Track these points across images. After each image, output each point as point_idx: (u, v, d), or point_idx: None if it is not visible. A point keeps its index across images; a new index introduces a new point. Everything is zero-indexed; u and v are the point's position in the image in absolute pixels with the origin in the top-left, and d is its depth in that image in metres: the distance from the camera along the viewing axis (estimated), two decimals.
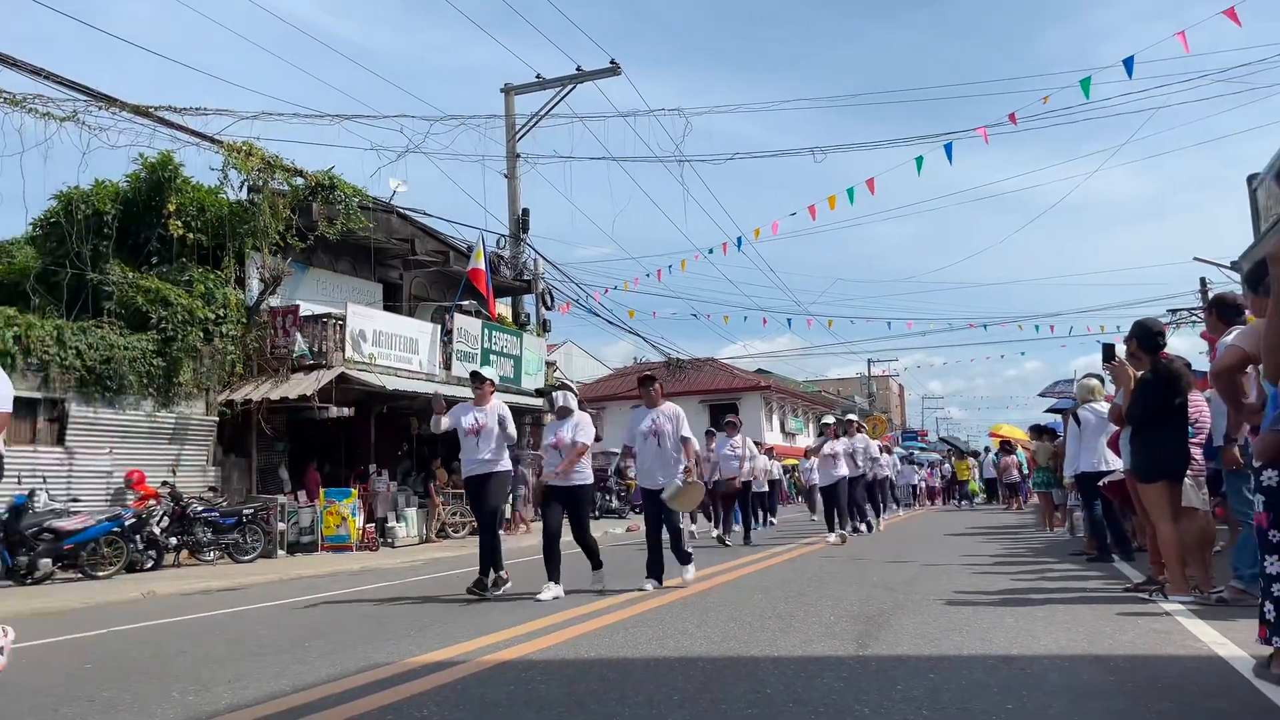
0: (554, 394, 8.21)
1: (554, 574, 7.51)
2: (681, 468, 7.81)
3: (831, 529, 12.79)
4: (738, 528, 14.49)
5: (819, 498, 15.53)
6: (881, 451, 20.57)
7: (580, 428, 7.78)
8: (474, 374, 8.29)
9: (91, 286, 14.78)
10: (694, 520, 14.33)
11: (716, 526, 14.43)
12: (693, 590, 7.58)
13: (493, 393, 8.13)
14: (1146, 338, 6.51)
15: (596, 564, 7.92)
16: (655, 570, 7.90)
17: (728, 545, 13.09)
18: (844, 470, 12.97)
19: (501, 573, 7.84)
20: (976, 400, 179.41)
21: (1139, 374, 6.50)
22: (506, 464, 7.95)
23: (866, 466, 14.64)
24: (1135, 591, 6.59)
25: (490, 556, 7.78)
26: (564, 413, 7.90)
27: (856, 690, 3.84)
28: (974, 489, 28.10)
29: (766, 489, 18.51)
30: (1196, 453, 6.70)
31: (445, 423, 7.90)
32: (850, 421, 14.40)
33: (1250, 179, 19.62)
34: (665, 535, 8.15)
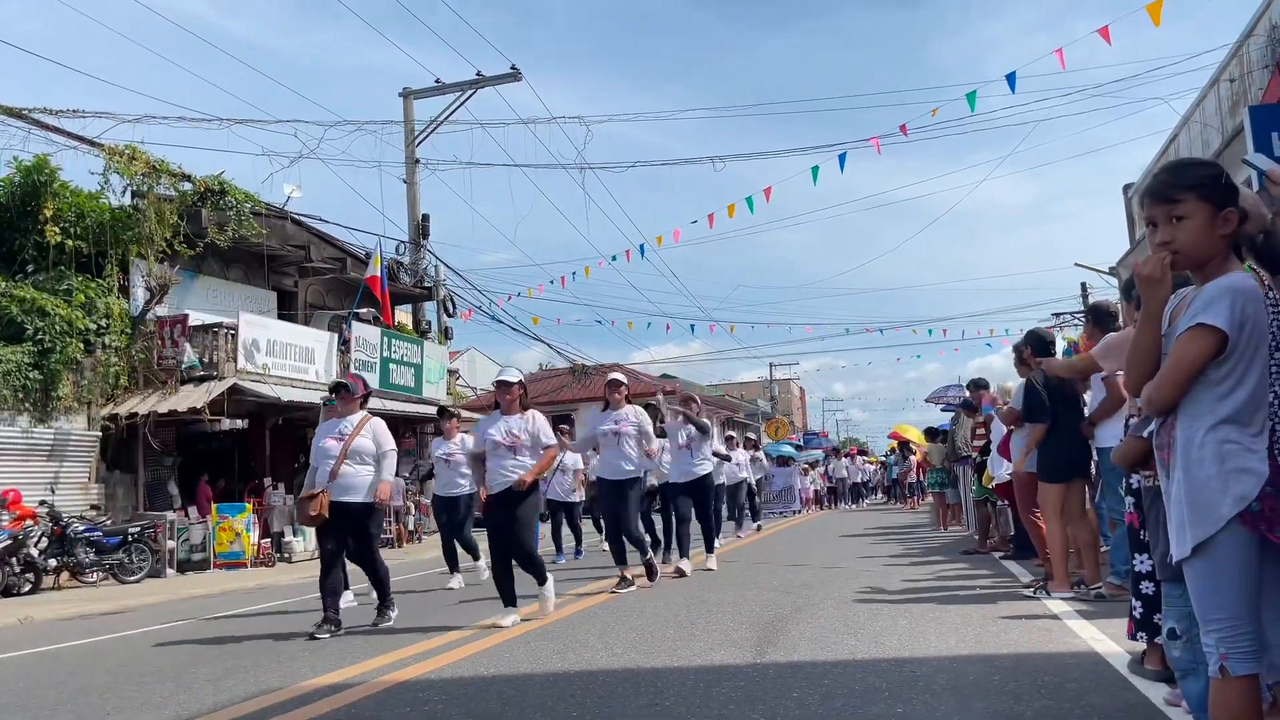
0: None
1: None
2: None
3: (539, 584, 6.87)
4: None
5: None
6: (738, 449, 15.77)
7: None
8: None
9: None
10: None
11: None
12: (598, 600, 7.57)
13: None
14: (1040, 344, 6.97)
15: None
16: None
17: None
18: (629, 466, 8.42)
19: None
20: (877, 402, 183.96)
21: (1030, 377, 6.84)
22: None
23: (643, 462, 8.59)
24: (1038, 585, 6.86)
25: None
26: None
27: (753, 699, 3.89)
28: None
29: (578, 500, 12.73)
30: None
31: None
32: (653, 406, 10.03)
33: (1126, 188, 20.56)
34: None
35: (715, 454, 10.81)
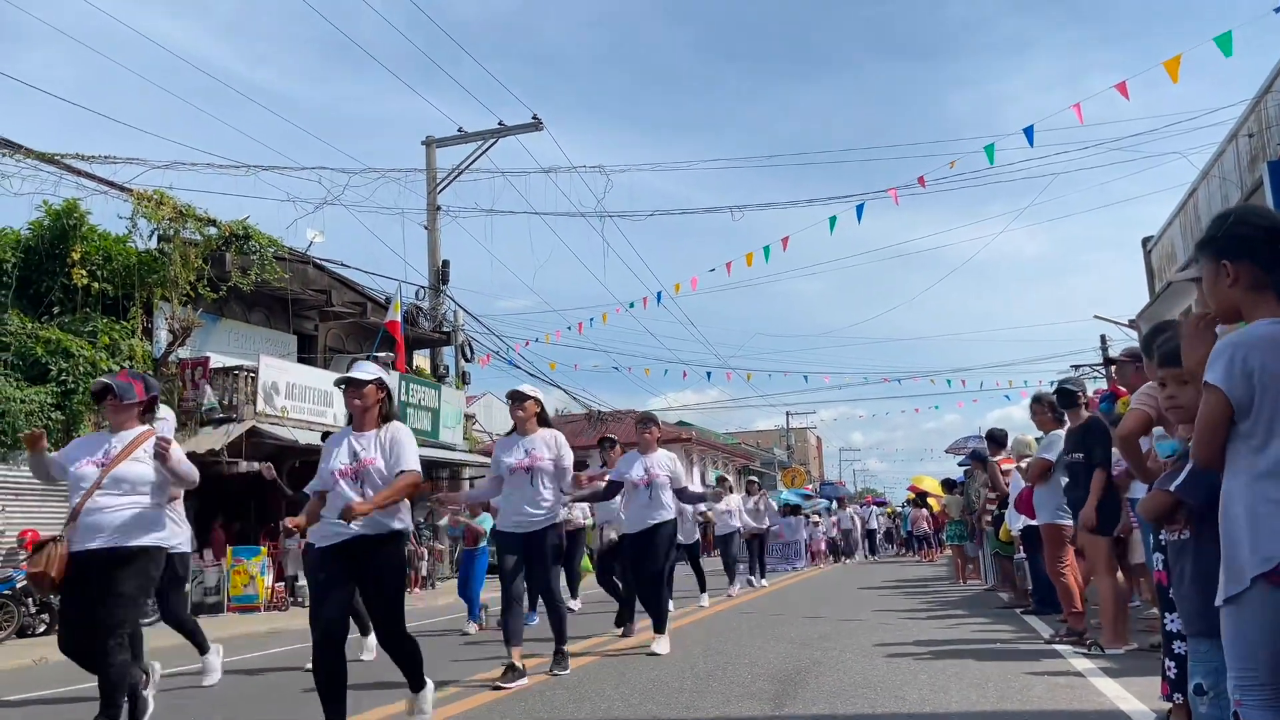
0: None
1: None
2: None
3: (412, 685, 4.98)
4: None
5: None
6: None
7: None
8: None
9: None
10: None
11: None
12: (612, 649, 7.49)
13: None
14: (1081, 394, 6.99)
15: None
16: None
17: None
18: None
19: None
20: (894, 452, 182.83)
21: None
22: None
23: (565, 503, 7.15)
24: (1062, 641, 6.73)
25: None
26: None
27: None
28: None
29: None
30: None
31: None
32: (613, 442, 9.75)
33: (1145, 241, 20.54)
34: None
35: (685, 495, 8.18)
